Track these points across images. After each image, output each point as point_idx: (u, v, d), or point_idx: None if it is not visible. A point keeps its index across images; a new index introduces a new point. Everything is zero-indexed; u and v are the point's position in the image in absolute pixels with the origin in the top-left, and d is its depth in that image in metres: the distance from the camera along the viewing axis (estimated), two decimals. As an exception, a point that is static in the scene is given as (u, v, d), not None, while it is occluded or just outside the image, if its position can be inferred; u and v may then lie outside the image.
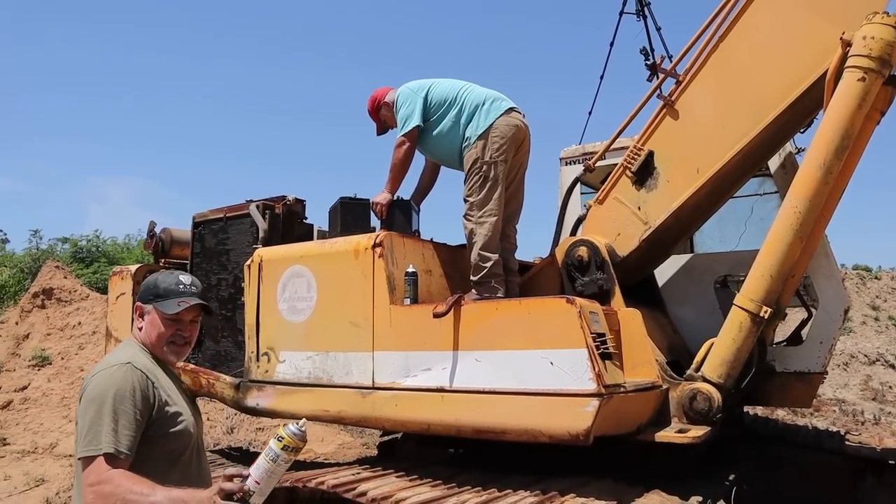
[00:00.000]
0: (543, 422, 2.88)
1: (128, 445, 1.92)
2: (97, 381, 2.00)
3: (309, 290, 3.75)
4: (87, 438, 1.90)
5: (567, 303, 2.90)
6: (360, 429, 7.94)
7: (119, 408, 1.93)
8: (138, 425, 1.96)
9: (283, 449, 1.72)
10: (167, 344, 2.16)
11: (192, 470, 2.14)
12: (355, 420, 3.49)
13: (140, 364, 2.06)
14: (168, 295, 2.16)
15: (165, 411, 2.05)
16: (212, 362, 4.56)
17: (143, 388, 2.00)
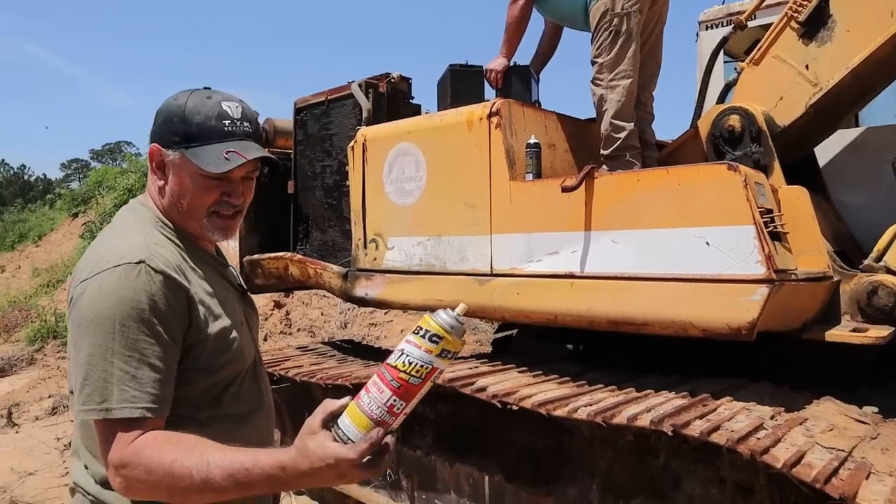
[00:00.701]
0: (696, 312, 2.42)
1: (157, 397, 1.23)
2: (93, 292, 1.25)
3: (417, 170, 3.38)
4: (90, 390, 1.21)
5: (729, 170, 2.36)
6: (472, 324, 7.77)
7: (137, 338, 1.23)
8: (170, 361, 1.28)
9: (437, 353, 1.07)
10: (208, 216, 1.41)
11: (247, 410, 1.46)
12: (472, 310, 3.15)
13: (160, 261, 1.30)
14: (208, 136, 1.36)
15: (208, 331, 1.35)
16: (319, 252, 4.37)
17: (168, 299, 1.28)
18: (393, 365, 1.08)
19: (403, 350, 1.08)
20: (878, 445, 2.23)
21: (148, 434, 1.21)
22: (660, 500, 2.40)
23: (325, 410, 1.14)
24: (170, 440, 1.20)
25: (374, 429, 1.07)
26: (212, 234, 1.44)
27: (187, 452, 1.17)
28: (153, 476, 1.17)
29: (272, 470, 1.14)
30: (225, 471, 1.14)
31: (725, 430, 2.10)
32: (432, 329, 1.08)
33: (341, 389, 3.45)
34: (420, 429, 3.17)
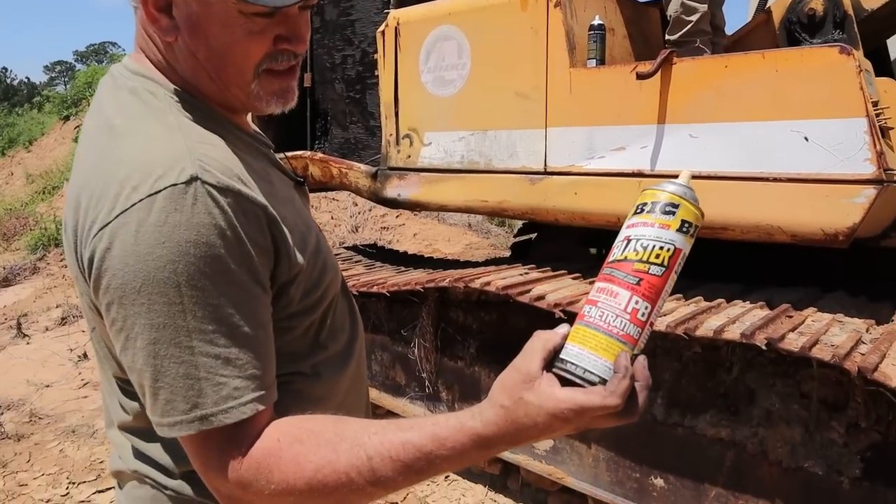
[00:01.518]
0: (787, 215, 2.19)
1: (263, 379, 0.84)
2: (130, 244, 0.78)
3: (460, 56, 3.05)
4: (167, 394, 0.80)
5: (841, 53, 2.06)
6: (486, 228, 7.58)
7: (217, 304, 0.80)
8: (266, 321, 0.87)
9: (676, 228, 0.78)
10: (258, 76, 0.91)
11: (344, 328, 1.07)
12: (521, 212, 2.93)
13: (219, 170, 0.83)
14: None
15: (297, 261, 0.91)
16: (341, 151, 4.07)
17: (247, 231, 0.83)
18: (622, 258, 0.78)
19: (630, 237, 0.78)
20: (980, 362, 2.05)
21: (267, 436, 0.83)
22: (732, 415, 2.25)
23: (544, 346, 0.77)
24: (300, 438, 0.82)
25: (621, 353, 0.76)
26: (267, 103, 0.94)
27: (333, 449, 0.81)
28: (297, 494, 0.81)
29: (466, 447, 0.78)
30: (398, 461, 0.79)
31: (825, 344, 1.91)
32: (663, 198, 0.79)
33: (374, 297, 3.26)
34: (462, 338, 3.00)
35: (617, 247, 0.79)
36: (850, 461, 2.05)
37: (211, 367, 0.80)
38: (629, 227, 0.80)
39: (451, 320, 3.05)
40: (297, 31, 0.92)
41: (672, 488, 2.42)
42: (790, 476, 2.16)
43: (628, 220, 0.80)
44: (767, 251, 2.79)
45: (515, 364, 0.79)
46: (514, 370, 0.78)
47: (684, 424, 2.34)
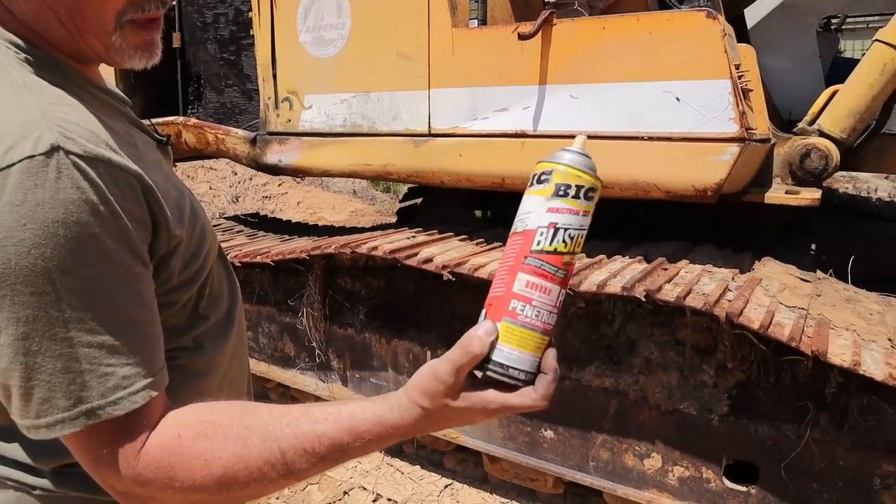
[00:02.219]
0: (660, 173, 2.29)
1: (153, 364, 0.77)
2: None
3: (340, 15, 2.94)
4: (44, 392, 0.71)
5: (708, 18, 2.16)
6: (370, 195, 7.49)
7: (94, 287, 0.71)
8: (150, 299, 0.79)
9: (593, 211, 0.77)
10: (121, 27, 0.80)
11: (222, 295, 1.01)
12: (406, 174, 2.89)
13: (83, 136, 0.72)
14: None
15: (174, 231, 0.82)
16: (216, 116, 3.85)
17: (120, 202, 0.73)
18: (551, 249, 0.75)
19: (557, 225, 0.75)
20: (826, 302, 2.27)
21: (165, 431, 0.76)
22: (615, 365, 2.36)
23: (471, 358, 0.73)
24: (205, 433, 0.76)
25: (549, 351, 0.77)
26: (129, 57, 0.84)
27: (244, 444, 0.75)
28: (205, 492, 0.75)
29: (383, 438, 0.78)
30: (312, 454, 0.76)
31: (698, 293, 2.03)
32: (587, 183, 0.76)
33: (258, 268, 3.14)
34: (351, 305, 2.95)
35: (542, 234, 0.75)
36: (719, 399, 2.21)
37: (94, 358, 0.71)
38: (554, 211, 0.76)
39: (339, 287, 3.00)
40: None
41: (562, 439, 2.52)
42: (668, 418, 2.30)
43: (551, 203, 0.76)
44: (642, 209, 2.93)
45: (438, 373, 0.75)
46: (436, 380, 0.75)
47: (571, 377, 2.44)
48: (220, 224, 4.14)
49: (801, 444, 2.09)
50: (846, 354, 1.80)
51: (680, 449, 2.30)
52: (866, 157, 3.79)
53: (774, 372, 2.12)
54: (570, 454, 2.52)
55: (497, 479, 2.85)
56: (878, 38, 2.81)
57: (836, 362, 1.78)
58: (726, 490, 2.24)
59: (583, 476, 2.50)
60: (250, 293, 3.25)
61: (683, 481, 2.31)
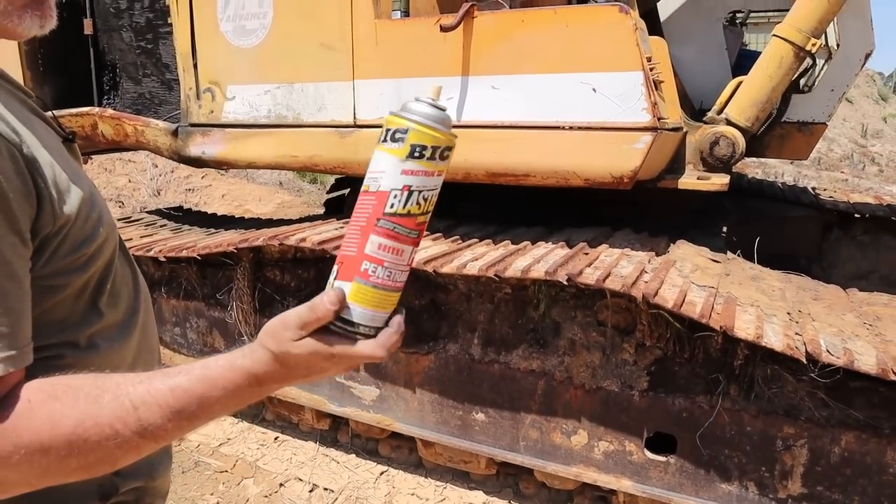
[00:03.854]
0: (579, 161, 2.38)
1: (12, 338, 0.73)
2: None
3: (261, 5, 2.90)
4: None
5: (621, 12, 2.25)
6: (297, 187, 7.40)
7: None
8: (22, 276, 0.76)
9: (431, 157, 0.77)
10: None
11: (123, 294, 0.98)
12: (332, 165, 2.90)
13: None
14: None
15: (62, 210, 0.81)
16: (134, 107, 3.73)
17: (5, 172, 0.73)
18: (405, 212, 0.75)
19: (411, 187, 0.75)
20: (734, 280, 2.42)
21: (15, 397, 0.73)
22: (542, 348, 2.45)
23: (318, 319, 0.77)
24: (55, 394, 0.74)
25: (398, 308, 0.81)
26: (20, 19, 0.81)
27: (95, 401, 0.74)
28: (53, 454, 0.72)
29: (239, 384, 0.78)
30: (166, 408, 0.75)
31: (616, 276, 2.13)
32: (444, 142, 0.76)
33: (184, 262, 3.08)
34: (281, 297, 2.94)
35: (396, 197, 0.76)
36: (639, 376, 2.33)
37: None
38: (409, 173, 0.75)
39: (268, 280, 2.98)
40: None
41: (492, 420, 2.60)
42: (592, 396, 2.41)
43: (406, 164, 0.76)
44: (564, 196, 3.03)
45: (285, 320, 0.78)
46: (282, 326, 0.78)
47: (500, 360, 2.51)
48: (142, 218, 4.02)
49: (713, 413, 2.23)
50: (750, 329, 1.94)
51: (604, 425, 2.42)
52: (770, 143, 4.05)
53: (689, 348, 2.25)
54: (500, 435, 2.60)
55: (431, 463, 2.91)
56: (776, 33, 3.00)
57: (741, 336, 1.91)
58: (648, 461, 2.37)
59: (514, 456, 2.58)
60: (177, 289, 3.19)
61: (608, 455, 2.43)
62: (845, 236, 4.73)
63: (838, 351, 1.90)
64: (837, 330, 2.09)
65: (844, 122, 14.21)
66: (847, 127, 14.06)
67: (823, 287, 2.71)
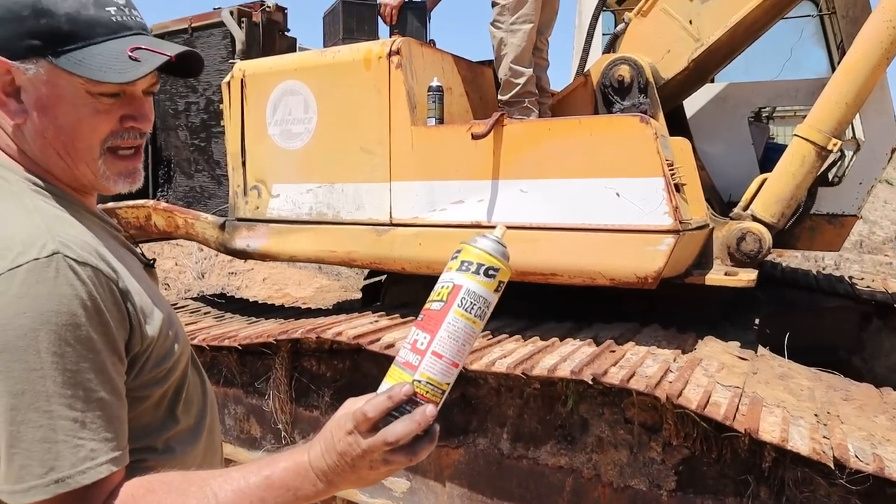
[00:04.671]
0: (605, 262, 2.47)
1: (117, 442, 0.88)
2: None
3: (307, 111, 3.13)
4: (22, 460, 0.82)
5: (642, 122, 2.40)
6: (336, 271, 7.60)
7: (75, 369, 0.85)
8: (120, 387, 0.92)
9: (494, 289, 0.91)
10: (104, 155, 0.99)
11: (195, 401, 1.13)
12: (368, 261, 3.04)
13: (78, 247, 0.90)
14: (90, 31, 0.94)
15: (148, 333, 0.97)
16: (185, 200, 3.98)
17: (105, 303, 0.89)
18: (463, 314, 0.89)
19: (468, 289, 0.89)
20: (761, 379, 2.43)
21: (121, 492, 0.88)
22: (569, 444, 2.47)
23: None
24: (153, 488, 0.88)
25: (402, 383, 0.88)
26: (114, 182, 1.01)
27: (184, 493, 0.87)
28: None
29: (300, 476, 0.89)
30: (239, 494, 0.87)
31: (641, 375, 2.18)
32: (489, 262, 0.91)
33: (225, 350, 3.21)
34: (316, 387, 3.03)
35: (461, 298, 0.91)
36: (666, 475, 2.33)
37: (69, 430, 0.83)
38: (450, 281, 0.93)
39: (305, 370, 3.08)
40: (142, 110, 1.02)
41: (520, 517, 2.60)
42: (620, 494, 2.41)
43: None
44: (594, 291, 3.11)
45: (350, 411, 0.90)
46: (346, 415, 0.89)
47: (528, 456, 2.54)
48: (187, 305, 4.20)
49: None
50: (775, 431, 1.95)
51: (633, 524, 2.40)
52: (800, 236, 4.08)
53: (716, 448, 2.26)
54: (529, 532, 2.59)
55: (460, 558, 2.89)
56: (797, 133, 3.11)
57: (766, 439, 1.92)
58: (678, 564, 2.34)
59: (542, 553, 2.56)
60: (217, 375, 3.31)
61: (639, 556, 2.40)
62: (885, 327, 4.67)
63: (867, 457, 1.90)
64: (867, 434, 2.09)
65: (886, 204, 14.08)
66: (889, 209, 13.92)
67: (855, 386, 2.70)
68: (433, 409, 0.87)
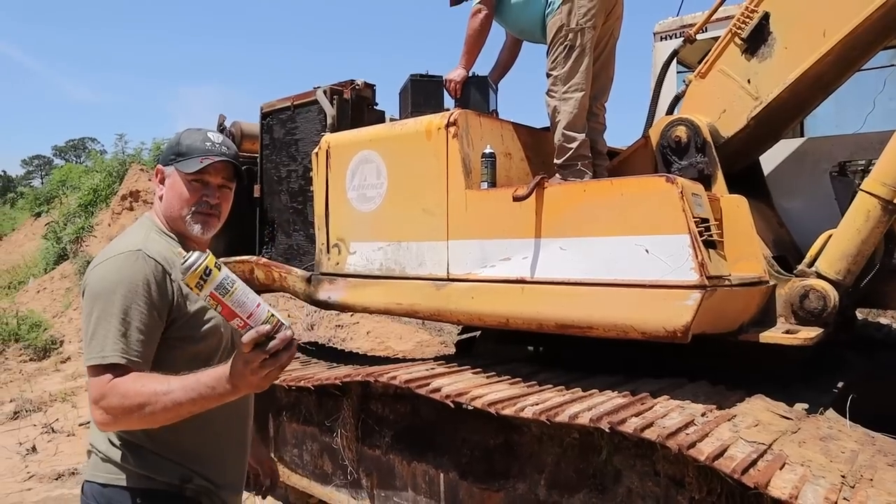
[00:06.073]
0: (636, 316, 2.57)
1: (139, 352, 1.58)
2: (101, 272, 1.64)
3: (378, 177, 3.49)
4: (93, 345, 1.57)
5: (667, 182, 2.52)
6: (437, 326, 7.91)
7: (130, 307, 1.59)
8: (153, 327, 1.63)
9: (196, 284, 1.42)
10: (191, 213, 1.78)
11: None
12: (429, 313, 3.29)
13: (154, 251, 1.68)
14: (191, 153, 1.77)
15: (187, 308, 1.70)
16: (284, 256, 4.46)
17: (157, 280, 1.64)
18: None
19: None
20: (797, 439, 2.40)
21: (126, 375, 1.55)
22: (601, 493, 2.54)
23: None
24: (141, 375, 1.56)
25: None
26: (192, 227, 1.80)
27: (153, 379, 1.54)
28: (127, 400, 1.51)
29: (214, 376, 1.48)
30: (182, 385, 1.50)
31: (658, 426, 2.25)
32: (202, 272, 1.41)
33: (304, 391, 3.55)
34: (380, 429, 3.28)
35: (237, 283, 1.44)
36: (696, 531, 2.34)
37: (115, 338, 1.57)
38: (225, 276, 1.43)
39: (371, 412, 3.35)
40: (212, 192, 1.82)
41: (557, 563, 2.67)
42: (653, 547, 2.44)
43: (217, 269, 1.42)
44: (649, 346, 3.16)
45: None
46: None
47: (562, 503, 2.63)
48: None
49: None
50: (787, 488, 1.96)
51: (668, 579, 2.41)
52: (890, 293, 3.88)
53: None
54: (568, 580, 2.65)
55: None
56: (861, 187, 3.06)
57: (775, 494, 1.94)
58: None
59: None
60: (297, 414, 3.65)
61: None
62: None
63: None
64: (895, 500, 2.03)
65: None
66: None
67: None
68: (265, 327, 1.41)
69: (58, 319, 10.63)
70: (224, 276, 1.42)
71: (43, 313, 10.86)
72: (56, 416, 6.34)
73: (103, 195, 14.14)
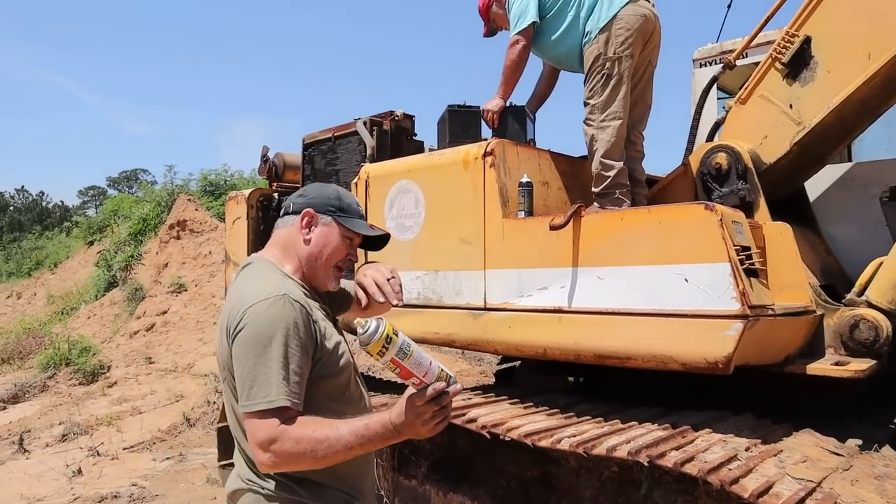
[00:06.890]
0: (675, 346, 2.52)
1: (298, 394, 1.65)
2: (256, 315, 1.66)
3: (417, 207, 3.53)
4: (255, 389, 1.61)
5: (706, 210, 2.48)
6: (477, 356, 7.87)
7: (287, 350, 1.64)
8: (306, 368, 1.70)
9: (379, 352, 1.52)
10: (335, 266, 1.88)
11: (357, 400, 1.92)
12: (466, 343, 3.29)
13: (295, 295, 1.73)
14: (351, 212, 1.89)
15: (326, 346, 1.77)
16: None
17: (305, 323, 1.70)
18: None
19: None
20: (849, 477, 2.30)
21: (291, 419, 1.62)
22: (642, 528, 2.48)
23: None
24: (309, 420, 1.64)
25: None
26: (329, 281, 1.91)
27: (322, 424, 1.62)
28: (301, 445, 1.59)
29: (381, 422, 1.58)
30: (351, 430, 1.59)
31: (699, 461, 2.19)
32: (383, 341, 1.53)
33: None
34: (416, 458, 3.27)
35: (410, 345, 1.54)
36: (742, 571, 2.25)
37: (278, 382, 1.62)
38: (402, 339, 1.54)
39: (408, 441, 3.32)
40: (356, 252, 1.96)
41: None
42: (696, 587, 2.35)
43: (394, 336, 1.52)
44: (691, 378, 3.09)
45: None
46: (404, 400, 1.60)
47: (602, 538, 2.57)
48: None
49: None
50: (838, 528, 1.88)
51: None
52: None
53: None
54: None
55: None
56: (911, 213, 2.96)
57: (823, 535, 1.86)
58: None
59: None
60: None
61: None
62: None
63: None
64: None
65: None
66: None
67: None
68: (441, 384, 1.53)
69: (106, 345, 10.94)
70: (402, 340, 1.50)
71: (92, 338, 11.19)
72: (101, 439, 6.49)
73: (152, 224, 14.60)
